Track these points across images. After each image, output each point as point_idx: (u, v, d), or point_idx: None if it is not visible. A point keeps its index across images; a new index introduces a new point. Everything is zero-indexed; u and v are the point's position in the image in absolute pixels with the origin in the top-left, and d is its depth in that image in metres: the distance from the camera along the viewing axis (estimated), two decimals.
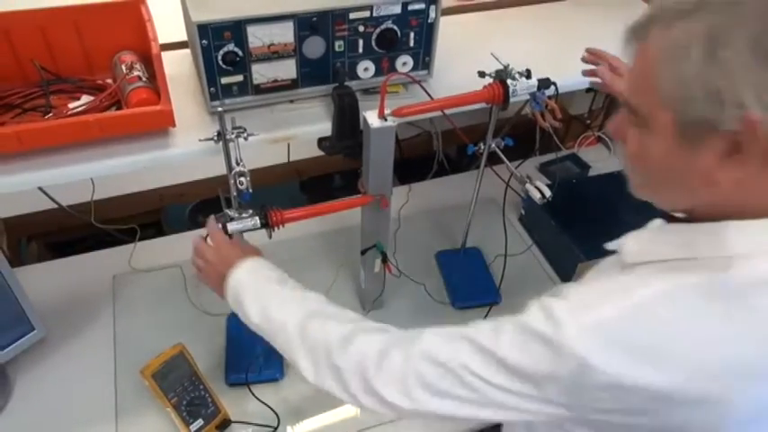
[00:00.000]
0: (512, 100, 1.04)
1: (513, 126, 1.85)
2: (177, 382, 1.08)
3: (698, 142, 0.52)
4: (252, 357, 1.19)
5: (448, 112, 1.06)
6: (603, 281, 0.62)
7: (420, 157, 1.93)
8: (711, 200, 0.57)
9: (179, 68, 1.18)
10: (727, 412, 0.56)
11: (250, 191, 0.88)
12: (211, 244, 0.93)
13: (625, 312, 0.57)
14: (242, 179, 0.87)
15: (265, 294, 0.84)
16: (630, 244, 0.64)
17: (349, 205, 1.09)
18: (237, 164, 0.89)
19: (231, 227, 0.93)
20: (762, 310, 0.54)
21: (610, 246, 0.68)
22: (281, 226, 0.95)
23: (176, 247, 1.46)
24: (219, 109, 0.90)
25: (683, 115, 0.52)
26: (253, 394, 1.17)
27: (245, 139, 0.94)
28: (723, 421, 0.57)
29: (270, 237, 0.96)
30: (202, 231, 0.97)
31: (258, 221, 0.94)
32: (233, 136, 0.93)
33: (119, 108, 1.05)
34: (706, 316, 0.55)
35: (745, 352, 0.55)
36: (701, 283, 0.56)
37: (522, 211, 1.59)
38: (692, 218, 0.61)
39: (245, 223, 0.93)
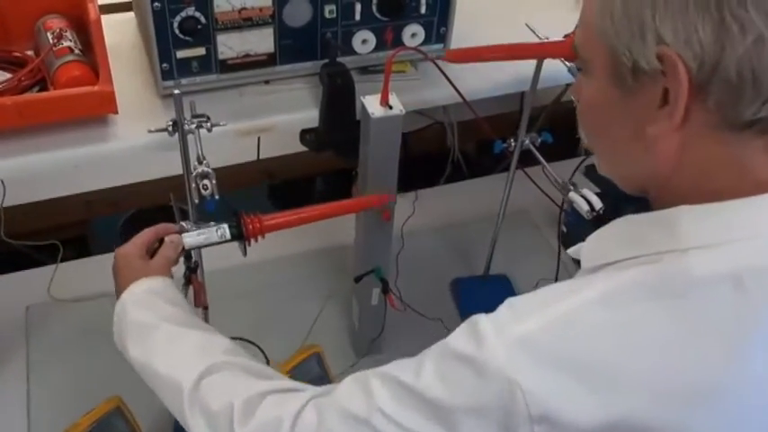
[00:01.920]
0: None
1: (551, 117, 1.88)
2: None
3: (631, 86, 0.60)
4: None
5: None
6: (546, 289, 0.67)
7: (429, 156, 1.96)
8: (655, 170, 0.63)
9: (121, 38, 1.21)
10: None
11: (216, 197, 0.90)
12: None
13: (554, 322, 0.62)
14: (205, 182, 0.90)
15: (157, 336, 0.87)
16: (588, 245, 0.70)
17: (352, 207, 1.10)
18: (200, 162, 0.91)
19: (189, 240, 0.93)
20: (720, 312, 0.58)
21: (572, 251, 0.74)
22: (258, 238, 0.95)
23: (110, 271, 1.47)
24: (176, 91, 0.92)
25: (613, 51, 0.60)
26: None
27: (209, 130, 0.97)
28: None
29: (245, 253, 0.96)
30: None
31: (227, 231, 0.93)
32: (193, 126, 0.95)
33: (43, 88, 1.08)
34: (652, 322, 0.59)
35: (704, 366, 0.58)
36: (647, 282, 0.60)
37: (564, 228, 1.62)
38: (651, 206, 0.67)
39: (209, 234, 0.93)
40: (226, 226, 0.93)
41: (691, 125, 0.58)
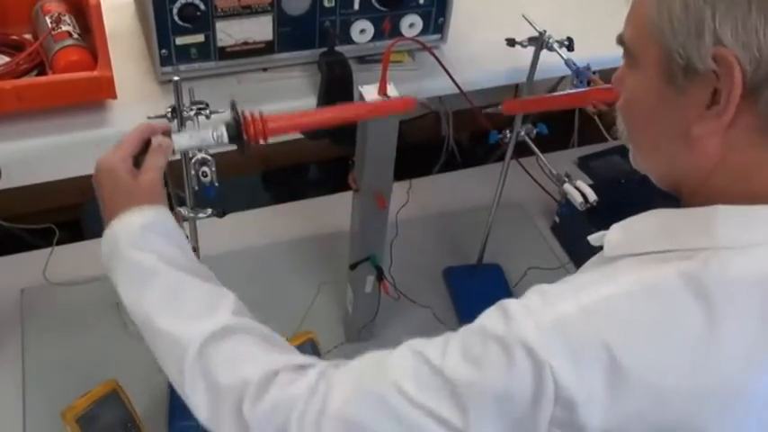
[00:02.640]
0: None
1: None
2: (108, 430, 1.10)
3: (681, 85, 0.60)
4: None
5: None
6: (575, 277, 0.68)
7: (424, 145, 1.97)
8: (695, 168, 0.63)
9: (119, 23, 1.21)
10: None
11: (216, 184, 0.91)
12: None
13: (590, 307, 0.61)
14: (205, 169, 0.90)
15: (156, 284, 0.78)
16: (612, 234, 0.70)
17: (372, 112, 0.95)
18: (199, 149, 0.92)
19: (181, 141, 0.83)
20: (747, 317, 0.59)
21: (593, 239, 0.74)
22: (261, 140, 0.82)
23: None
24: (175, 78, 0.93)
25: (667, 49, 0.60)
26: None
27: (207, 117, 0.97)
28: None
29: (243, 152, 0.83)
30: None
31: (225, 133, 0.82)
32: (192, 113, 0.96)
33: (41, 73, 1.08)
34: (688, 320, 0.59)
35: (725, 370, 0.59)
36: (685, 279, 0.60)
37: (557, 219, 1.63)
38: (683, 203, 0.68)
39: (204, 135, 0.82)
40: (223, 127, 0.82)
41: (736, 128, 0.59)
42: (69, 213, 1.78)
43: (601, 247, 0.72)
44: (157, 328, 0.77)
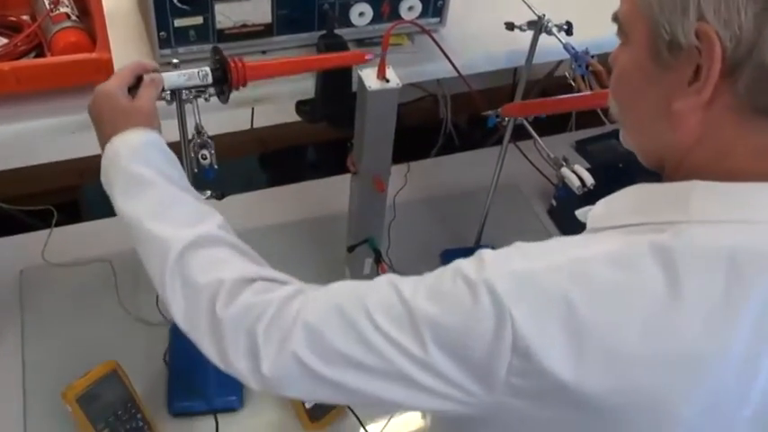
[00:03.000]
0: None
1: (543, 91, 1.90)
2: (108, 409, 1.11)
3: (666, 61, 0.62)
4: (202, 380, 1.23)
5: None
6: (555, 241, 0.69)
7: (422, 127, 1.97)
8: (676, 146, 0.65)
9: (117, 5, 1.21)
10: (669, 422, 0.62)
11: (215, 166, 0.91)
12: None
13: (560, 267, 0.63)
14: (204, 152, 0.91)
15: (152, 194, 0.84)
16: (596, 209, 0.73)
17: (345, 60, 1.05)
18: (198, 132, 0.92)
19: (169, 79, 0.88)
20: (712, 287, 0.60)
21: (580, 213, 0.76)
22: (242, 84, 0.90)
23: (104, 236, 1.48)
24: (174, 60, 0.93)
25: (654, 24, 0.62)
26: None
27: (207, 99, 0.97)
28: None
29: (226, 100, 0.92)
30: None
31: (210, 74, 0.89)
32: (191, 96, 0.96)
33: (39, 54, 1.08)
34: (652, 289, 0.61)
35: (688, 336, 0.60)
36: (653, 249, 0.62)
37: (554, 202, 1.64)
38: (665, 180, 0.69)
39: (190, 75, 0.88)
40: (208, 68, 0.89)
41: (716, 105, 0.60)
42: (67, 195, 1.79)
43: None
44: (147, 229, 0.81)
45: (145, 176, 0.84)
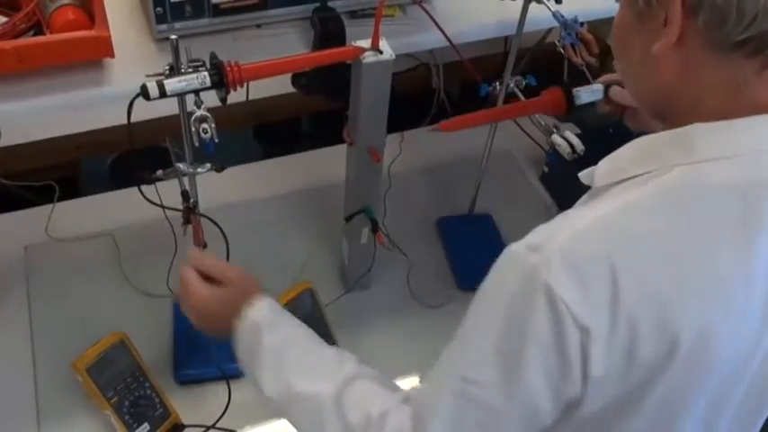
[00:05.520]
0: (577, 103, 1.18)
1: (534, 59, 1.91)
2: (118, 378, 1.15)
3: (642, 11, 0.69)
4: (206, 349, 1.27)
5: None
6: (567, 212, 0.74)
7: (414, 96, 1.98)
8: (662, 89, 0.71)
9: None
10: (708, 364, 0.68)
11: (216, 140, 0.93)
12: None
13: (582, 230, 0.68)
14: (204, 126, 0.92)
15: (293, 355, 0.90)
16: (600, 167, 0.77)
17: (341, 55, 1.06)
18: (198, 106, 0.94)
19: (170, 86, 0.91)
20: (731, 217, 0.66)
21: (583, 175, 0.80)
22: (238, 86, 0.95)
23: (106, 210, 1.51)
24: (173, 36, 0.94)
25: None
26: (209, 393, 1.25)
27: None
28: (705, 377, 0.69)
29: (224, 101, 0.96)
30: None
31: (207, 78, 0.93)
32: (190, 71, 0.97)
33: (38, 32, 1.09)
34: (673, 228, 0.67)
35: (716, 263, 0.66)
36: (666, 192, 0.68)
37: (545, 168, 1.67)
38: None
39: (189, 81, 0.92)
40: (205, 73, 0.93)
41: (687, 45, 0.66)
42: (66, 170, 1.80)
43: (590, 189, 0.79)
44: (296, 392, 0.86)
45: (282, 343, 0.90)
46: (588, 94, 1.17)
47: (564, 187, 1.60)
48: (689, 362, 0.67)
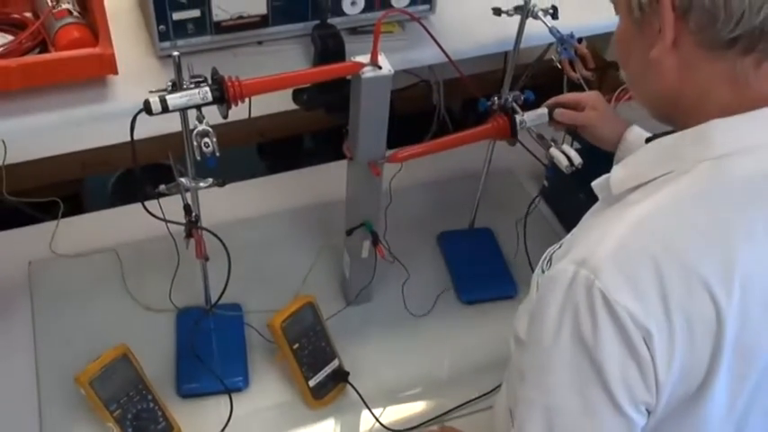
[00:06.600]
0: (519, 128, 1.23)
1: (533, 76, 1.92)
2: (121, 392, 1.15)
3: (639, 19, 0.73)
4: (208, 363, 1.27)
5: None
6: (590, 222, 0.78)
7: (415, 113, 2.00)
8: (665, 92, 0.74)
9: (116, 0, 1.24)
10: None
11: (217, 154, 0.95)
12: None
13: (627, 234, 0.70)
14: (206, 140, 0.94)
15: None
16: (616, 173, 0.79)
17: (340, 71, 1.09)
18: (200, 121, 0.95)
19: (173, 101, 0.93)
20: (762, 204, 0.69)
21: (596, 184, 0.83)
22: (240, 101, 0.97)
23: (109, 226, 1.53)
24: (175, 53, 0.96)
25: None
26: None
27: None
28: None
29: (226, 116, 0.98)
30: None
31: (209, 93, 0.95)
32: (192, 86, 0.99)
33: (44, 51, 1.11)
34: (696, 225, 0.69)
35: (756, 255, 0.69)
36: (690, 190, 0.71)
37: (545, 183, 1.68)
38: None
39: (191, 96, 0.94)
40: (207, 88, 0.95)
41: (682, 47, 0.70)
42: (70, 187, 1.82)
43: (593, 202, 0.83)
44: None
45: None
46: (534, 118, 1.22)
47: (564, 202, 1.61)
48: (736, 351, 0.70)
